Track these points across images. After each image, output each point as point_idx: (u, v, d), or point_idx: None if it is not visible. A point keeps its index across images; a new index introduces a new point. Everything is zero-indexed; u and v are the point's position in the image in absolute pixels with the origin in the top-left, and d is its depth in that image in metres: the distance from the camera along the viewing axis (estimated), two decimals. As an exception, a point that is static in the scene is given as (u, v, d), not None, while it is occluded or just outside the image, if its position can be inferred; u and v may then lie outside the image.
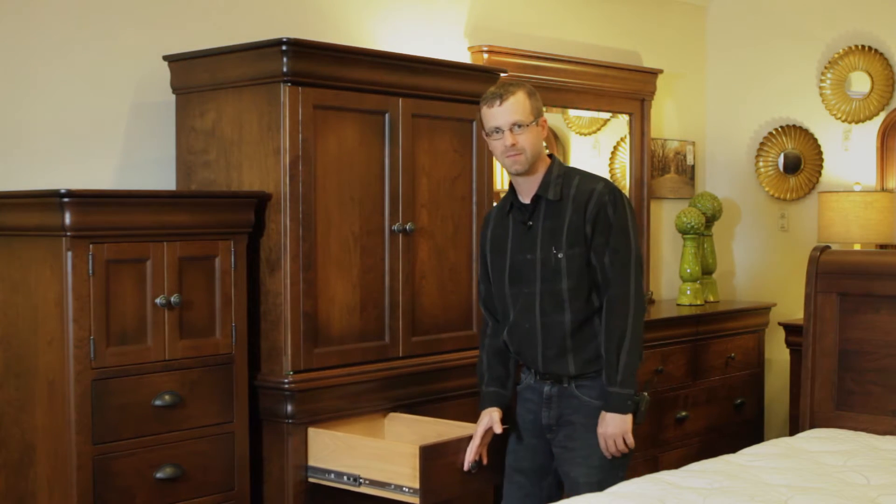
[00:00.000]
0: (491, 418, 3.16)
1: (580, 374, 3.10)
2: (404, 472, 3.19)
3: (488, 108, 3.05)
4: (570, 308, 3.05)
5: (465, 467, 3.21)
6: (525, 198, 3.12)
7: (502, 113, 3.02)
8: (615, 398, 3.03)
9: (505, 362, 3.24)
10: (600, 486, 3.06)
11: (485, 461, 3.23)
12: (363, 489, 3.30)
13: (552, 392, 3.13)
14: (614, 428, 3.04)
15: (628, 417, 3.04)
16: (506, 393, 3.22)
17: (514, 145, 3.02)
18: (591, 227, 3.03)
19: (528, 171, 3.07)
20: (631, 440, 3.06)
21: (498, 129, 3.04)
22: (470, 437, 3.22)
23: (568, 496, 3.11)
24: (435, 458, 3.18)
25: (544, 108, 3.21)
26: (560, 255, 3.04)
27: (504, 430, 3.18)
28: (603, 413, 3.06)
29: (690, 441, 5.02)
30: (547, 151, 3.16)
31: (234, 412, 3.36)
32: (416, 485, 3.15)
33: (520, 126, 3.02)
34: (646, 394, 3.13)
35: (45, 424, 3.09)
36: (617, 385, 3.02)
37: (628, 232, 3.04)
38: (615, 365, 3.01)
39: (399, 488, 3.21)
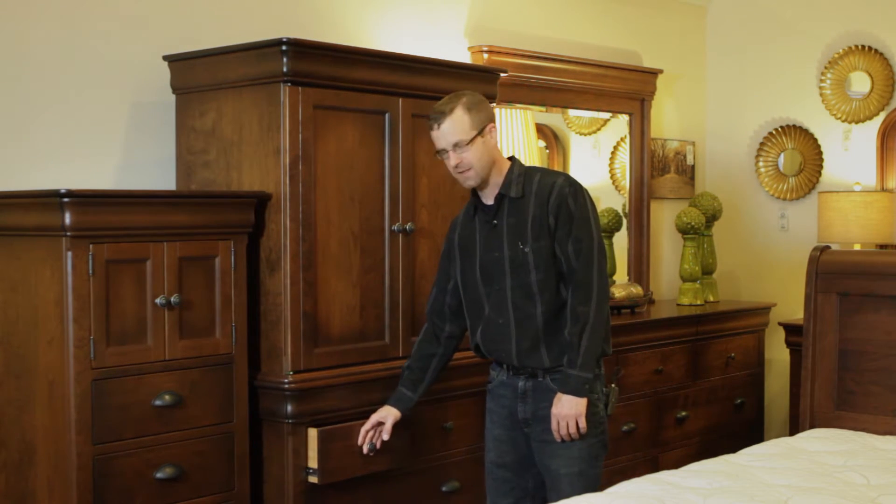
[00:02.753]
0: (385, 417, 3.35)
1: (554, 367, 3.15)
2: (307, 454, 3.41)
3: (431, 131, 3.15)
4: (540, 300, 3.12)
5: (364, 451, 3.39)
6: (488, 199, 3.20)
7: (443, 136, 3.11)
8: (573, 380, 3.08)
9: (425, 369, 3.37)
10: (580, 476, 3.14)
11: (378, 446, 3.39)
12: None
13: (527, 386, 3.19)
14: (569, 409, 3.08)
15: (583, 401, 3.10)
16: (413, 396, 3.37)
17: (458, 164, 3.11)
18: (553, 219, 3.11)
19: (484, 181, 3.16)
20: (584, 424, 3.10)
21: (443, 150, 3.12)
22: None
23: (549, 489, 3.19)
24: (332, 440, 3.39)
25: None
26: (526, 250, 3.12)
27: (384, 441, 3.38)
28: (558, 394, 3.10)
29: (690, 441, 5.02)
30: (508, 155, 3.25)
31: (234, 412, 3.36)
32: (316, 465, 3.39)
33: (459, 146, 3.09)
34: (614, 385, 3.21)
35: (45, 424, 3.09)
36: (577, 368, 3.07)
37: (590, 222, 3.14)
38: (577, 347, 3.07)
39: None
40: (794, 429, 4.90)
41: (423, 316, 3.75)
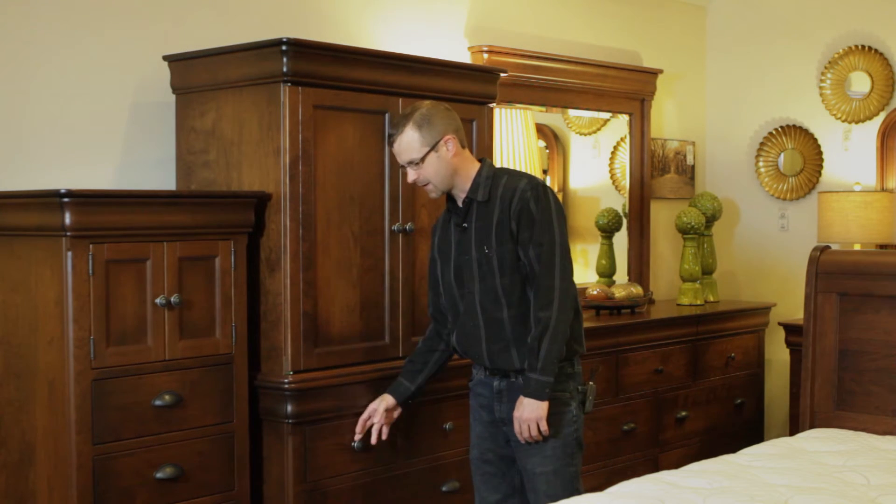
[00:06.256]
0: (379, 405, 3.39)
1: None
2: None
3: (389, 147, 3.24)
4: (506, 303, 3.16)
5: (356, 438, 3.43)
6: (460, 202, 3.24)
7: (398, 154, 3.19)
8: (533, 384, 3.12)
9: (426, 362, 3.42)
10: (556, 475, 3.18)
11: (373, 441, 3.42)
12: None
13: (502, 386, 3.24)
14: (529, 413, 3.12)
15: (544, 405, 3.12)
16: (410, 386, 3.41)
17: (416, 180, 3.18)
18: (515, 224, 3.13)
19: (449, 190, 3.21)
20: (545, 427, 3.14)
21: (402, 166, 3.21)
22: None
23: (528, 488, 3.24)
24: (321, 437, 3.42)
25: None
26: (491, 254, 3.15)
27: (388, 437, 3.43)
28: (521, 397, 3.15)
29: (690, 441, 5.02)
30: (481, 157, 3.28)
31: (234, 412, 3.36)
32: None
33: (413, 163, 3.15)
34: (592, 383, 3.24)
35: (45, 424, 3.09)
36: (536, 371, 3.11)
37: (552, 225, 3.14)
38: (536, 352, 3.11)
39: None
40: (794, 429, 4.89)
41: (423, 316, 3.76)
